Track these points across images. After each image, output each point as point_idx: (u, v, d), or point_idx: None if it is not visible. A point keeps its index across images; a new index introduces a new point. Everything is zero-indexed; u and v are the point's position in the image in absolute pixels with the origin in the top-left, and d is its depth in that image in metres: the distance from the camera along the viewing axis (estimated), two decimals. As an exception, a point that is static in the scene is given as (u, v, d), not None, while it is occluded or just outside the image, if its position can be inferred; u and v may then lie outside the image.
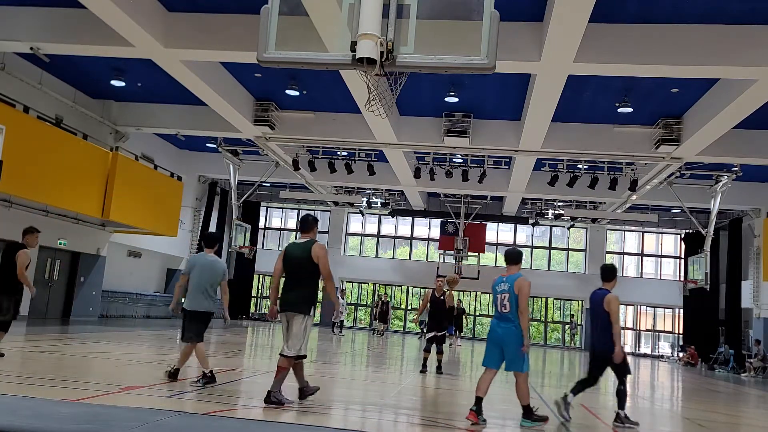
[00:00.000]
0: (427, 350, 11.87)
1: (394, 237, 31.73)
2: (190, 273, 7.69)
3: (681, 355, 26.30)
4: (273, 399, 6.61)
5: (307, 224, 6.91)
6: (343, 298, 23.15)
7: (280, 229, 32.84)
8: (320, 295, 30.76)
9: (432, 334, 11.80)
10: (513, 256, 7.07)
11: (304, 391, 6.99)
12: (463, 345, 24.03)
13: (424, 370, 11.66)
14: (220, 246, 28.65)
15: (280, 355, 6.65)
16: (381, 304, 25.87)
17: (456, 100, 16.26)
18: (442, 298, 11.87)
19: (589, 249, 30.14)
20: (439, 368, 11.87)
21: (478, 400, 6.72)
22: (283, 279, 6.82)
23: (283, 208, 32.58)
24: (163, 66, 13.86)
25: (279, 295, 6.86)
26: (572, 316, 29.85)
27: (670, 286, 28.97)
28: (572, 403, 7.32)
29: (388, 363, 13.39)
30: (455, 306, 24.22)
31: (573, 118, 16.99)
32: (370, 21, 4.38)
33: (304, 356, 6.77)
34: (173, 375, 7.65)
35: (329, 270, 6.70)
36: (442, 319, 11.84)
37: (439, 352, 11.88)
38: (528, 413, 6.82)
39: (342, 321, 23.62)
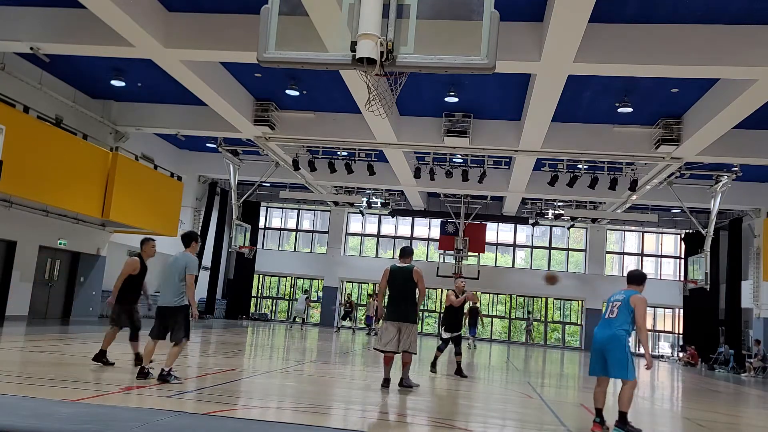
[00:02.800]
0: (441, 350, 11.63)
1: (394, 237, 31.72)
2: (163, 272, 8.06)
3: (681, 355, 26.31)
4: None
5: (406, 253, 8.94)
6: (308, 300, 25.91)
7: (280, 229, 32.83)
8: (317, 295, 30.85)
9: (449, 334, 11.46)
10: (632, 278, 7.03)
11: (403, 381, 8.85)
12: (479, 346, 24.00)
13: (433, 370, 11.49)
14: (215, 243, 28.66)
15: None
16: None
17: (456, 100, 16.26)
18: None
19: (589, 249, 30.14)
20: (459, 371, 11.40)
21: (599, 412, 6.72)
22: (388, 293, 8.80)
23: (283, 208, 32.57)
24: (163, 66, 13.86)
25: (385, 306, 8.89)
26: (530, 313, 29.91)
27: (670, 286, 28.97)
28: None
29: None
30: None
31: (573, 118, 16.99)
32: (370, 21, 4.38)
33: (415, 353, 8.67)
34: (143, 374, 7.66)
35: (425, 289, 8.74)
36: (460, 320, 11.58)
37: (458, 354, 11.48)
38: (623, 422, 6.58)
39: (303, 318, 26.27)
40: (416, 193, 26.02)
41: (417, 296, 8.68)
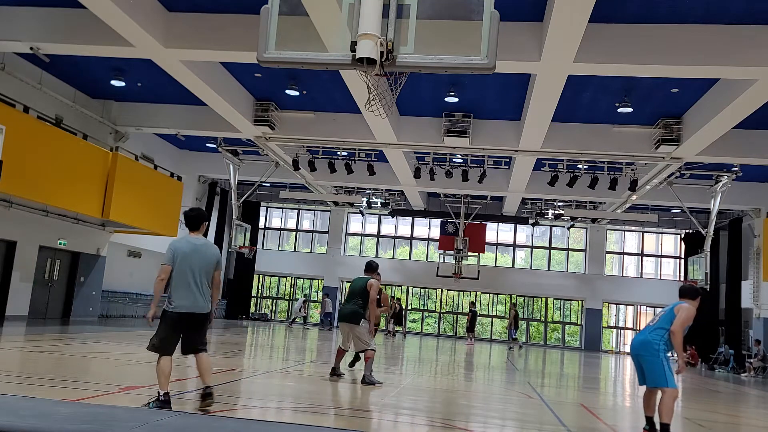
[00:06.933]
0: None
1: (394, 237, 31.73)
2: (174, 263, 5.92)
3: (681, 355, 26.28)
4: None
5: (371, 268, 9.59)
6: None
7: (280, 229, 32.83)
8: (313, 301, 30.90)
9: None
10: (684, 291, 6.82)
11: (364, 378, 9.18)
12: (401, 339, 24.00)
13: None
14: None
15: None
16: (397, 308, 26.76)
17: (456, 100, 16.26)
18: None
19: (589, 249, 30.14)
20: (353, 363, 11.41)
21: (648, 419, 6.63)
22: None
23: (283, 208, 32.58)
24: (163, 66, 13.86)
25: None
26: (473, 304, 28.04)
27: (670, 286, 28.96)
28: None
29: (387, 364, 13.39)
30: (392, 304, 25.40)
31: (573, 118, 16.99)
32: (370, 21, 4.38)
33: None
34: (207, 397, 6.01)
35: (373, 297, 9.19)
36: None
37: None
38: None
39: (295, 318, 28.28)
40: (416, 193, 26.02)
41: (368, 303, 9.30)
